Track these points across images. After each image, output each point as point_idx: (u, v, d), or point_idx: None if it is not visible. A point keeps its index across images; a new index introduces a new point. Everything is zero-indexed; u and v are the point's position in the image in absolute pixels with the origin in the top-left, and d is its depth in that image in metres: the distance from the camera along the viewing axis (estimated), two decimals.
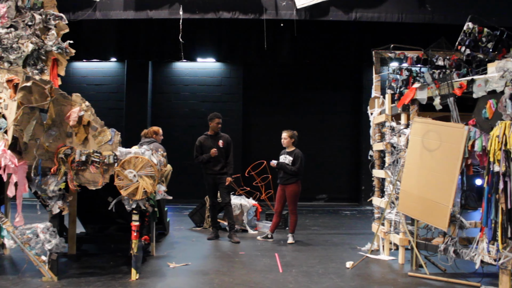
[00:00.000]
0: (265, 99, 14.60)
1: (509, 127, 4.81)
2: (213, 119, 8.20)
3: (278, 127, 13.62)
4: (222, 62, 14.14)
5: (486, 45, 6.62)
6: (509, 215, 4.80)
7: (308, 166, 14.27)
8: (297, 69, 14.42)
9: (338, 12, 11.56)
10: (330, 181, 14.58)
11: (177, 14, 10.74)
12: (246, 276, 5.68)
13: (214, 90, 14.21)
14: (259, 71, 14.56)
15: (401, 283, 5.46)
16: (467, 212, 11.11)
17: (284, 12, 11.28)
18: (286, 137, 8.05)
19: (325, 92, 14.77)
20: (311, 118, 14.54)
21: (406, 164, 6.11)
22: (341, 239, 8.33)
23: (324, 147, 14.54)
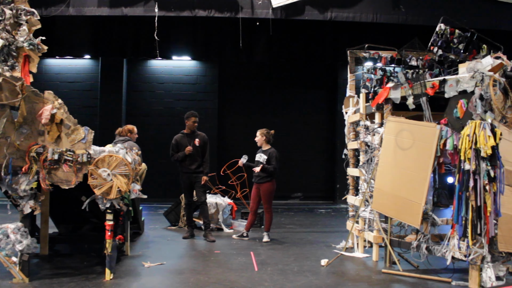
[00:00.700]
0: (240, 97, 14.61)
1: (479, 126, 4.93)
2: (189, 117, 8.17)
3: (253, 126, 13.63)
4: (197, 60, 14.08)
5: (458, 46, 6.76)
6: (479, 212, 4.92)
7: (284, 164, 14.31)
8: (272, 68, 14.46)
9: (314, 12, 11.63)
10: (305, 179, 14.67)
11: (152, 11, 10.65)
12: (222, 275, 5.67)
13: (189, 89, 14.14)
14: (235, 70, 14.54)
15: (375, 280, 5.53)
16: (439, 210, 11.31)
17: (260, 11, 11.29)
18: (258, 135, 8.08)
19: (300, 91, 14.85)
20: (286, 117, 14.60)
21: (380, 163, 6.19)
22: (316, 237, 8.39)
23: (299, 145, 14.63)
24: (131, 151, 6.24)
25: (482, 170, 4.91)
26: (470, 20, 10.68)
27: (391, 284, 5.42)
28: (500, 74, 5.32)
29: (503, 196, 5.01)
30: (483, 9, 12.47)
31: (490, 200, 4.89)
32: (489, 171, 4.89)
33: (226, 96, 14.45)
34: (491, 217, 4.92)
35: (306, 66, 14.53)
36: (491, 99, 5.12)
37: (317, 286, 5.23)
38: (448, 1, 12.16)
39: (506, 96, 5.37)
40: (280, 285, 5.23)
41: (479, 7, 12.45)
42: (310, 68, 14.67)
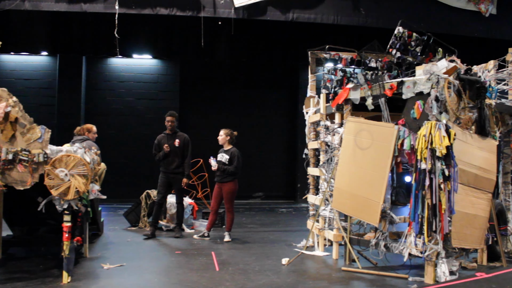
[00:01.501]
0: (202, 97, 14.52)
1: (435, 127, 5.08)
2: (165, 117, 8.30)
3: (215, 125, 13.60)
4: (158, 59, 13.90)
5: (415, 49, 6.93)
6: (434, 210, 5.06)
7: (245, 164, 14.32)
8: (234, 68, 14.46)
9: (276, 12, 11.70)
10: (267, 179, 14.74)
11: (113, 8, 10.47)
12: (183, 275, 5.62)
13: (150, 87, 13.94)
14: (196, 69, 14.44)
15: (335, 278, 5.61)
16: (397, 208, 11.58)
17: (222, 10, 11.27)
18: (222, 135, 8.03)
19: (261, 91, 14.90)
20: (248, 117, 14.63)
21: (339, 162, 6.28)
22: (277, 236, 8.44)
23: (261, 145, 14.68)
24: (89, 150, 6.12)
25: (438, 169, 5.05)
26: (427, 24, 11.01)
27: (351, 281, 5.51)
28: (454, 77, 5.50)
29: (457, 194, 5.17)
30: (439, 14, 12.86)
31: (444, 198, 5.04)
32: (444, 170, 5.04)
33: (188, 95, 14.33)
34: (446, 215, 5.07)
35: (267, 66, 14.60)
36: (446, 101, 5.28)
37: (278, 285, 5.26)
38: (407, 5, 12.47)
39: (460, 98, 5.55)
40: (241, 285, 5.24)
41: (436, 12, 12.84)
42: (272, 68, 14.75)
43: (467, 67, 5.88)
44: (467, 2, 13.18)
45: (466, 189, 5.52)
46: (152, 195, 9.01)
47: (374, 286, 5.30)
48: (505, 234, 6.52)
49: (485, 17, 13.39)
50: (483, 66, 7.01)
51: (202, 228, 8.65)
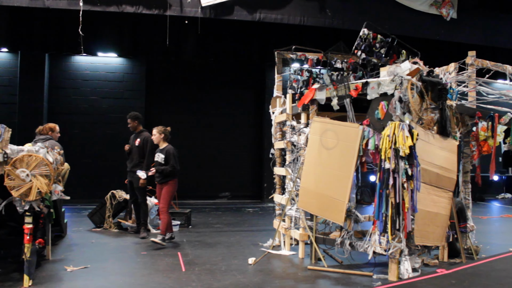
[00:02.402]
0: (168, 96, 14.38)
1: (398, 127, 5.18)
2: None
3: (181, 125, 13.55)
4: (124, 58, 13.68)
5: (380, 51, 7.04)
6: (398, 209, 5.17)
7: (211, 164, 14.38)
8: (201, 67, 14.38)
9: (243, 12, 11.70)
10: (233, 178, 14.73)
11: (77, 5, 10.26)
12: (148, 276, 5.57)
13: (115, 86, 13.71)
14: (163, 68, 14.30)
15: (301, 277, 5.66)
16: (362, 207, 11.79)
17: (189, 9, 11.20)
18: (155, 133, 7.66)
19: (228, 90, 14.88)
20: (214, 116, 14.59)
21: (305, 162, 6.33)
22: (244, 236, 8.45)
23: (227, 145, 14.66)
24: (52, 150, 5.98)
25: (401, 169, 5.16)
26: (391, 26, 11.22)
27: (317, 280, 5.57)
28: (417, 78, 5.62)
29: (419, 193, 5.29)
30: (403, 17, 13.14)
31: (407, 197, 5.15)
32: (407, 170, 5.15)
33: (154, 94, 14.17)
34: (409, 213, 5.18)
35: (234, 66, 14.59)
36: (409, 102, 5.39)
37: (245, 284, 5.27)
38: (372, 7, 12.69)
39: (423, 99, 5.68)
40: (207, 285, 5.22)
41: (400, 15, 13.11)
42: (239, 68, 14.75)
43: (429, 69, 6.03)
44: (430, 6, 13.53)
45: (428, 188, 5.66)
46: (117, 196, 8.89)
47: (339, 284, 5.37)
48: (465, 231, 6.72)
49: (447, 21, 13.78)
50: (444, 69, 7.19)
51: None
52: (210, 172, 14.44)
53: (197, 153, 14.15)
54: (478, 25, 14.44)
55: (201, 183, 14.31)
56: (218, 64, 14.36)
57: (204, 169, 14.32)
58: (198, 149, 14.21)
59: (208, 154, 14.45)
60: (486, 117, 6.68)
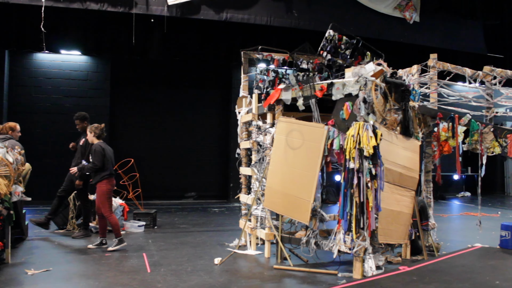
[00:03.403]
0: (134, 95, 14.20)
1: (363, 127, 5.26)
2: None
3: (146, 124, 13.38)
4: (88, 56, 13.41)
5: (345, 52, 7.13)
6: (362, 208, 5.25)
7: (177, 164, 14.27)
8: (167, 66, 14.25)
9: (209, 11, 11.68)
10: (199, 178, 14.66)
11: (39, 1, 10.01)
12: (113, 278, 5.48)
13: (79, 85, 13.41)
14: (128, 67, 14.10)
15: (267, 276, 5.68)
16: (327, 206, 11.93)
17: (155, 8, 11.09)
18: (88, 133, 7.37)
19: (194, 90, 14.81)
20: (180, 116, 14.49)
21: (271, 162, 6.35)
22: (210, 236, 8.42)
23: (193, 145, 14.59)
24: (12, 150, 5.82)
25: (365, 169, 5.24)
26: (356, 28, 11.39)
27: (283, 279, 5.59)
28: (381, 80, 5.72)
29: (383, 192, 5.38)
30: (368, 20, 13.38)
31: (371, 196, 5.24)
32: (371, 169, 5.23)
33: (119, 94, 13.96)
34: (373, 212, 5.27)
35: (201, 65, 14.53)
36: (373, 102, 5.48)
37: (211, 285, 5.25)
38: (338, 9, 12.86)
39: (386, 100, 5.79)
40: (173, 286, 5.18)
41: (365, 17, 13.35)
42: (205, 68, 14.70)
43: (393, 71, 6.14)
44: (394, 9, 13.81)
45: (392, 187, 5.76)
46: None
47: (305, 283, 5.41)
48: (427, 229, 6.88)
49: (410, 24, 14.11)
50: (407, 70, 7.35)
51: (133, 229, 8.47)
52: (176, 172, 14.34)
53: (163, 153, 14.02)
54: (439, 28, 14.86)
55: (167, 183, 14.19)
56: (185, 63, 14.27)
57: (170, 169, 14.21)
58: (163, 149, 14.08)
59: (174, 154, 14.34)
60: (447, 118, 6.85)
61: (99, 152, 7.09)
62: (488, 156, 6.79)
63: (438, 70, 7.34)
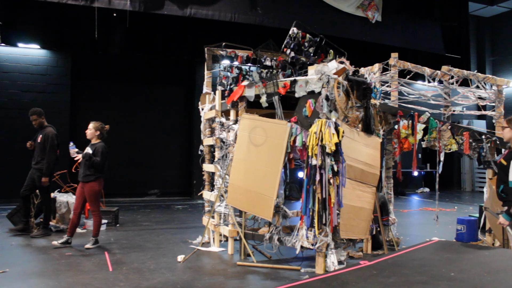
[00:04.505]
0: (95, 91, 13.88)
1: (325, 124, 5.32)
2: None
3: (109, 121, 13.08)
4: (48, 50, 13.01)
5: (308, 50, 7.18)
6: (324, 204, 5.31)
7: (140, 161, 14.08)
8: (130, 61, 13.98)
9: (173, 7, 11.57)
10: (162, 175, 14.50)
11: None
12: (73, 278, 5.37)
13: (38, 80, 13.00)
14: (90, 62, 13.77)
15: (231, 273, 5.68)
16: (290, 202, 12.02)
17: (118, 2, 10.92)
18: (91, 128, 7.28)
19: (158, 86, 14.62)
20: (143, 112, 14.29)
21: (234, 159, 6.35)
22: (173, 233, 8.35)
23: (156, 141, 14.41)
24: None
25: (327, 165, 5.30)
26: (320, 26, 11.50)
27: (246, 275, 5.62)
28: (344, 78, 5.80)
29: (344, 188, 5.47)
30: (331, 18, 13.55)
31: (333, 192, 5.31)
32: (333, 166, 5.30)
33: (80, 89, 13.61)
34: (335, 208, 5.34)
35: (164, 61, 14.35)
36: (336, 100, 5.55)
37: (174, 282, 5.22)
38: (302, 7, 12.96)
39: (348, 98, 5.88)
40: (135, 284, 5.12)
41: (328, 16, 13.50)
42: (169, 64, 14.52)
43: (355, 69, 6.24)
44: (356, 8, 14.03)
45: (353, 184, 5.86)
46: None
47: (268, 279, 5.44)
48: (387, 224, 7.03)
49: (372, 23, 14.36)
50: (369, 69, 7.48)
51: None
52: (139, 169, 14.14)
53: (125, 150, 13.80)
54: (400, 28, 15.20)
55: (130, 180, 13.97)
56: (148, 59, 14.06)
57: (133, 166, 14.00)
58: (126, 146, 13.86)
59: (136, 151, 14.14)
60: (407, 116, 7.01)
61: (105, 153, 7.12)
62: (446, 153, 6.98)
63: (398, 69, 7.50)
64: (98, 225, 7.13)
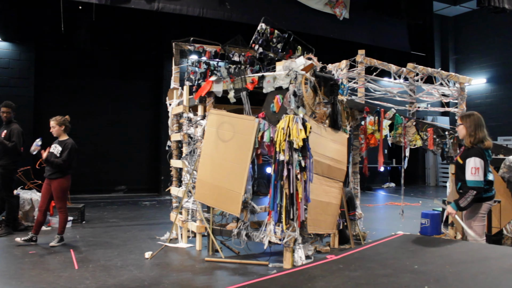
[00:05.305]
0: (60, 86, 13.55)
1: (293, 120, 5.35)
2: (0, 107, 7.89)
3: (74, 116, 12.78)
4: (10, 42, 12.60)
5: (276, 46, 7.22)
6: (292, 199, 5.35)
7: (107, 156, 13.85)
8: (96, 56, 13.69)
9: (141, 1, 11.40)
10: (129, 171, 14.30)
11: None
12: (37, 277, 5.25)
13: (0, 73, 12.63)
14: (55, 55, 13.40)
15: (199, 269, 5.67)
16: (258, 198, 12.07)
17: None
18: (54, 125, 7.03)
19: (125, 81, 14.39)
20: (109, 108, 14.05)
21: (202, 154, 6.33)
22: (140, 230, 8.27)
23: (123, 137, 14.20)
24: None
25: (295, 161, 5.34)
26: (288, 23, 11.53)
27: (214, 271, 5.61)
28: (311, 74, 5.84)
29: (312, 183, 5.52)
30: (299, 14, 13.60)
31: (301, 187, 5.35)
32: (301, 161, 5.34)
33: (44, 83, 13.25)
34: (302, 203, 5.39)
35: (131, 56, 14.11)
36: (303, 96, 5.59)
37: (141, 279, 5.17)
38: (270, 3, 12.97)
39: (316, 94, 5.93)
40: (102, 282, 5.06)
41: (296, 12, 13.56)
42: (136, 59, 14.29)
43: (323, 65, 6.29)
44: (324, 5, 14.14)
45: (321, 179, 5.92)
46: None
47: (236, 274, 5.45)
48: (354, 219, 7.14)
49: (339, 20, 14.49)
50: (336, 65, 7.56)
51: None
52: (105, 165, 13.91)
53: (91, 146, 13.53)
54: (367, 26, 15.40)
55: (96, 177, 13.73)
56: (115, 53, 13.81)
57: (99, 162, 13.75)
58: (92, 141, 13.60)
59: (103, 147, 13.90)
60: (373, 112, 7.12)
61: (74, 150, 6.96)
62: (411, 148, 7.12)
63: (365, 66, 7.60)
64: (64, 222, 6.99)
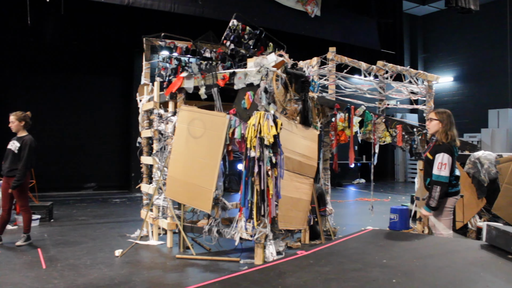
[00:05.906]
0: (27, 81, 13.22)
1: (264, 116, 5.36)
2: None
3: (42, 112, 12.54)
4: None
5: (248, 42, 7.20)
6: (263, 196, 5.37)
7: (75, 153, 13.61)
8: (64, 50, 13.41)
9: None
10: (99, 168, 14.10)
11: None
12: (3, 277, 5.13)
13: None
14: (21, 50, 13.08)
15: (170, 266, 5.64)
16: (230, 195, 12.04)
17: None
18: (14, 121, 6.78)
19: (94, 76, 14.16)
20: (79, 103, 13.80)
21: (173, 151, 6.28)
22: (111, 227, 8.17)
23: (93, 133, 13.98)
24: None
25: (266, 157, 5.35)
26: (260, 19, 11.54)
27: (185, 268, 5.59)
28: (282, 70, 5.87)
29: (283, 180, 5.54)
30: (271, 11, 13.65)
31: (272, 184, 5.37)
32: (272, 158, 5.36)
33: (9, 79, 12.92)
34: (273, 199, 5.40)
35: (101, 51, 13.89)
36: (274, 92, 5.60)
37: (111, 277, 5.12)
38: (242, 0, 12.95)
39: (287, 90, 5.95)
40: (71, 281, 4.98)
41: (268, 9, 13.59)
42: (106, 53, 14.08)
43: (294, 62, 6.33)
44: (296, 2, 14.21)
45: (291, 175, 5.95)
46: None
47: (208, 271, 5.45)
48: (324, 214, 7.21)
49: (311, 17, 14.59)
50: (307, 62, 7.60)
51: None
52: (74, 162, 13.66)
53: (59, 142, 13.29)
54: (338, 23, 15.56)
55: (64, 174, 13.47)
56: (84, 48, 13.55)
57: (68, 159, 13.50)
58: (60, 138, 13.35)
59: (72, 143, 13.64)
60: (343, 109, 7.19)
61: (33, 147, 6.68)
62: (380, 145, 7.23)
63: (336, 63, 7.68)
64: (28, 220, 6.82)
